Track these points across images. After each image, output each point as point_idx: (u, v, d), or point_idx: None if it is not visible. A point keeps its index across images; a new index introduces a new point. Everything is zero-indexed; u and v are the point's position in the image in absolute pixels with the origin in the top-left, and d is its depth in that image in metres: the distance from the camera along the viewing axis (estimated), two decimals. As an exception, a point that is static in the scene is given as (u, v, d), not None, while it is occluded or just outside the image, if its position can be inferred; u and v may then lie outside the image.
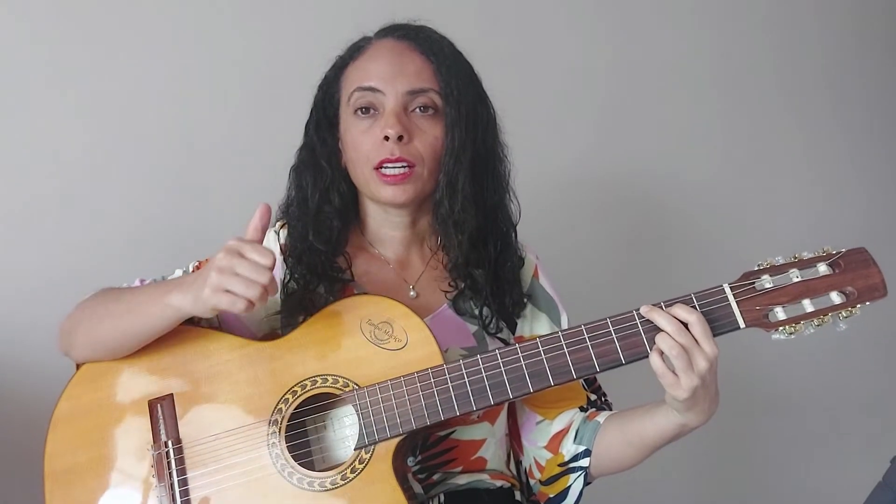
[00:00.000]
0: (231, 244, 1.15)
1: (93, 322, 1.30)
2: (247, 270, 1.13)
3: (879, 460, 1.78)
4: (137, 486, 1.27)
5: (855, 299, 1.17)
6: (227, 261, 1.14)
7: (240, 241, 1.16)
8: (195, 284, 1.18)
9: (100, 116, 1.96)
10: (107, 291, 1.36)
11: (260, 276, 1.13)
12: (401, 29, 1.40)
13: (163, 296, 1.22)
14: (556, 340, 1.22)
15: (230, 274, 1.13)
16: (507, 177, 1.44)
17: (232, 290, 1.13)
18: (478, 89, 1.41)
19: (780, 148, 2.60)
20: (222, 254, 1.15)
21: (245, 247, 1.15)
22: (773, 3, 2.58)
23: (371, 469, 1.22)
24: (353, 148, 1.36)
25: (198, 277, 1.18)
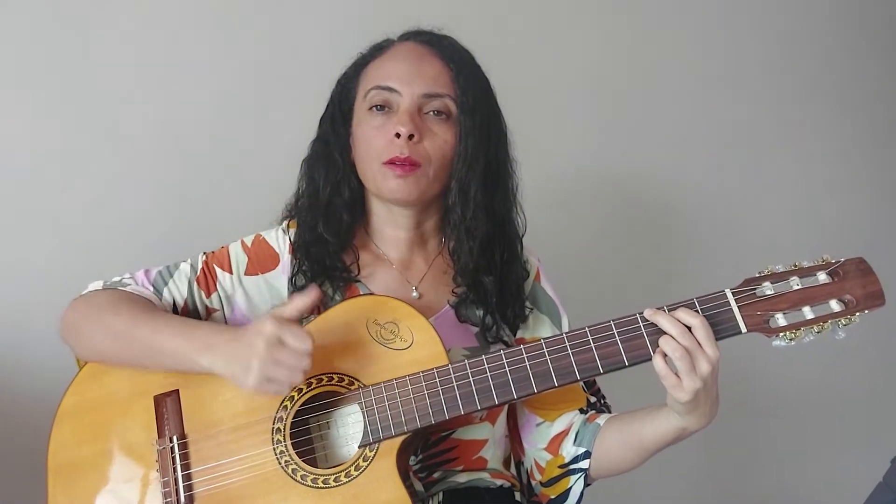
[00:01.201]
0: (270, 330, 1.16)
1: (106, 342, 1.31)
2: (288, 358, 1.17)
3: (879, 460, 1.79)
4: (141, 482, 1.28)
5: (854, 307, 1.19)
6: (268, 351, 1.16)
7: (278, 323, 1.17)
8: (233, 360, 1.20)
9: (100, 115, 1.96)
10: (123, 305, 1.33)
11: (301, 362, 1.17)
12: (424, 34, 1.41)
13: (194, 353, 1.24)
14: (561, 342, 1.23)
15: (272, 363, 1.17)
16: (516, 191, 1.45)
17: (276, 378, 1.17)
18: (493, 104, 1.42)
19: (782, 151, 2.59)
20: (263, 343, 1.16)
21: (285, 333, 1.17)
22: (775, 4, 2.58)
23: (375, 467, 1.23)
24: (363, 142, 1.37)
25: (235, 349, 1.20)
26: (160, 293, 1.39)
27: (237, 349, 1.19)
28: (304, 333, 1.17)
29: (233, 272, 1.40)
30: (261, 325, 1.18)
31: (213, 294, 1.39)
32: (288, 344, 1.16)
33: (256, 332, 1.17)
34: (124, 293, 1.37)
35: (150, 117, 2.00)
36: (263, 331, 1.17)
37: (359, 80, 1.41)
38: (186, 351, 1.24)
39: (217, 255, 1.42)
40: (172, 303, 1.39)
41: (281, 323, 1.17)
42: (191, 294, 1.39)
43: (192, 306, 1.39)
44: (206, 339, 1.24)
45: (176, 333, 1.26)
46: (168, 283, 1.39)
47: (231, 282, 1.40)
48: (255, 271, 1.41)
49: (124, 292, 1.37)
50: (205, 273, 1.40)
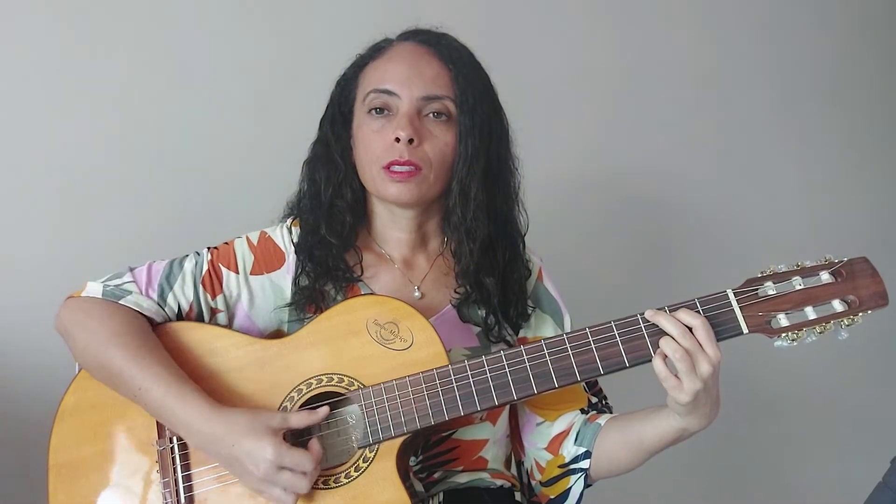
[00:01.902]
0: (271, 458, 1.17)
1: (96, 373, 1.31)
2: (288, 482, 1.18)
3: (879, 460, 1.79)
4: (141, 482, 1.28)
5: (857, 307, 1.18)
6: (268, 475, 1.18)
7: (278, 450, 1.18)
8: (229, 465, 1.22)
9: (100, 115, 1.96)
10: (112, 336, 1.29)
11: (300, 485, 1.19)
12: (422, 34, 1.40)
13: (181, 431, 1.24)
14: (561, 343, 1.23)
15: (270, 485, 1.19)
16: (517, 189, 1.44)
17: (273, 496, 1.20)
18: (493, 102, 1.41)
19: (783, 152, 2.59)
20: (263, 469, 1.18)
21: (285, 460, 1.17)
22: (775, 4, 2.58)
23: (375, 468, 1.23)
24: (363, 145, 1.36)
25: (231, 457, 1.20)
26: (164, 299, 1.36)
27: (231, 456, 1.20)
28: (305, 457, 1.18)
29: (239, 272, 1.39)
30: (262, 446, 1.18)
31: (219, 296, 1.38)
32: (290, 469, 1.18)
33: (257, 450, 1.18)
34: (119, 314, 1.32)
35: (150, 117, 1.99)
36: (262, 456, 1.17)
37: (358, 81, 1.41)
38: (171, 424, 1.25)
39: (223, 253, 1.41)
40: (177, 308, 1.37)
41: (280, 448, 1.18)
42: (196, 297, 1.37)
43: (197, 309, 1.38)
44: (191, 422, 1.22)
45: (162, 402, 1.24)
46: (173, 287, 1.37)
47: (237, 282, 1.39)
48: (260, 271, 1.40)
49: (120, 312, 1.32)
50: (210, 274, 1.39)
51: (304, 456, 1.18)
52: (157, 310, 1.35)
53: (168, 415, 1.24)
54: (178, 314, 1.38)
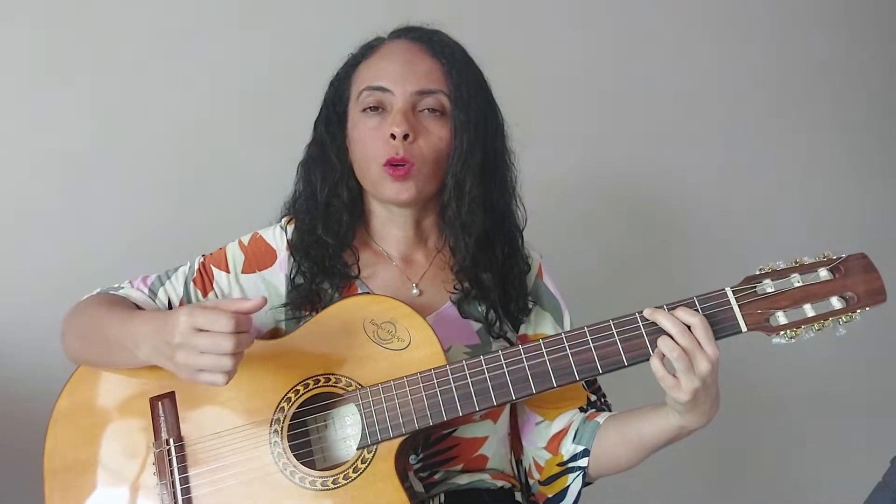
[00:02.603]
0: (183, 320, 1.11)
1: (81, 343, 1.32)
2: (210, 344, 1.11)
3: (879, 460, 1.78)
4: (138, 484, 1.27)
5: (855, 304, 1.18)
6: (186, 342, 1.11)
7: (189, 310, 1.12)
8: (160, 354, 1.17)
9: (100, 116, 1.96)
10: (93, 306, 1.33)
11: (223, 344, 1.10)
12: (414, 31, 1.40)
13: (133, 347, 1.22)
14: (559, 342, 1.23)
15: (194, 354, 1.12)
16: (514, 183, 1.45)
17: (204, 367, 1.12)
18: (487, 96, 1.41)
19: (781, 150, 2.60)
20: (178, 336, 1.11)
21: (198, 318, 1.11)
22: (774, 3, 2.58)
23: (373, 468, 1.22)
24: (360, 144, 1.36)
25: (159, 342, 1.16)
26: (155, 293, 1.39)
27: (160, 341, 1.16)
28: (221, 312, 1.11)
29: (230, 271, 1.40)
30: (176, 316, 1.13)
31: (210, 293, 1.39)
32: (206, 328, 1.11)
33: (173, 323, 1.13)
34: (105, 296, 1.37)
35: (150, 118, 2.00)
36: (178, 322, 1.12)
37: (351, 81, 1.41)
38: (127, 344, 1.23)
39: (214, 256, 1.43)
40: (168, 303, 1.39)
41: (193, 310, 1.12)
42: (186, 293, 1.39)
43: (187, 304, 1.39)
44: (137, 330, 1.22)
45: (120, 328, 1.24)
46: (165, 285, 1.40)
47: (228, 280, 1.40)
48: (252, 269, 1.41)
49: (106, 295, 1.38)
50: (201, 273, 1.40)
51: (219, 314, 1.10)
52: (146, 299, 1.38)
53: (127, 340, 1.23)
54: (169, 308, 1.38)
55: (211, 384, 1.14)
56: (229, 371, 1.12)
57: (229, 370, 1.12)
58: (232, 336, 1.10)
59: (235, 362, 1.12)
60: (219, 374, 1.12)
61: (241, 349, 1.13)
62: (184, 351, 1.12)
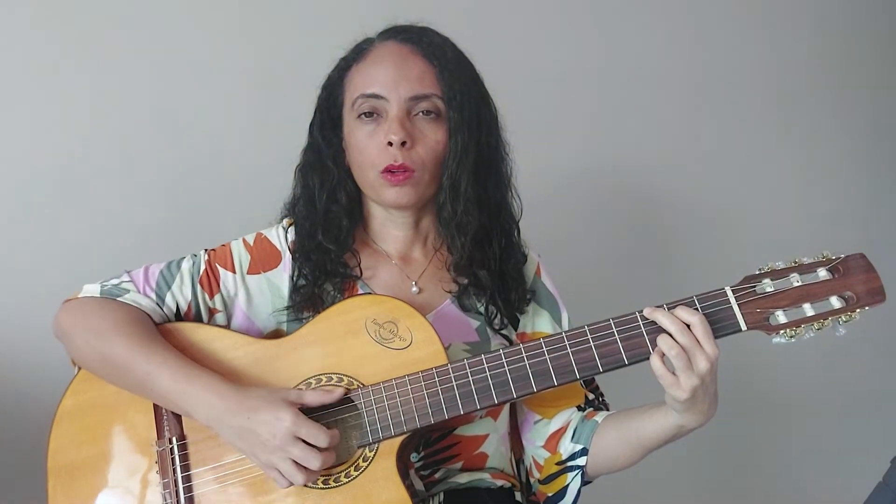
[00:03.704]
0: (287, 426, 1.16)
1: (98, 368, 1.31)
2: (301, 455, 1.16)
3: (879, 460, 1.79)
4: (141, 483, 1.28)
5: (855, 304, 1.19)
6: (282, 446, 1.16)
7: (296, 419, 1.17)
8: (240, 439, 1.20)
9: (101, 118, 1.96)
10: (114, 327, 1.29)
11: (313, 461, 1.16)
12: (403, 32, 1.39)
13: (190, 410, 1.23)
14: (560, 341, 1.23)
15: (282, 459, 1.17)
16: (510, 174, 1.45)
17: (283, 471, 1.17)
18: (480, 90, 1.41)
19: (781, 150, 2.59)
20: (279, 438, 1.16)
21: (301, 430, 1.16)
22: (773, 2, 2.58)
23: (375, 467, 1.23)
24: (357, 151, 1.36)
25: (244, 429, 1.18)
26: (162, 299, 1.37)
27: (245, 428, 1.18)
28: (322, 431, 1.17)
29: (236, 271, 1.40)
30: (278, 414, 1.17)
31: (216, 295, 1.39)
32: (306, 440, 1.17)
33: (272, 421, 1.17)
34: (120, 310, 1.33)
35: (150, 117, 1.99)
36: (282, 423, 1.16)
37: (344, 85, 1.40)
38: (180, 403, 1.24)
39: (219, 254, 1.41)
40: (175, 308, 1.38)
41: (297, 420, 1.17)
42: (195, 297, 1.38)
43: (195, 309, 1.38)
44: (200, 396, 1.22)
45: (172, 382, 1.24)
46: (171, 287, 1.38)
47: (234, 281, 1.39)
48: (257, 270, 1.41)
49: (121, 308, 1.33)
50: (208, 274, 1.39)
51: (321, 430, 1.17)
52: (154, 308, 1.36)
53: (178, 395, 1.23)
54: (177, 314, 1.38)
55: (277, 482, 1.20)
56: (301, 484, 1.18)
57: (301, 484, 1.18)
58: (323, 455, 1.17)
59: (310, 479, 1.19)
60: (286, 482, 1.18)
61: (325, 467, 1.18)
62: (275, 452, 1.17)
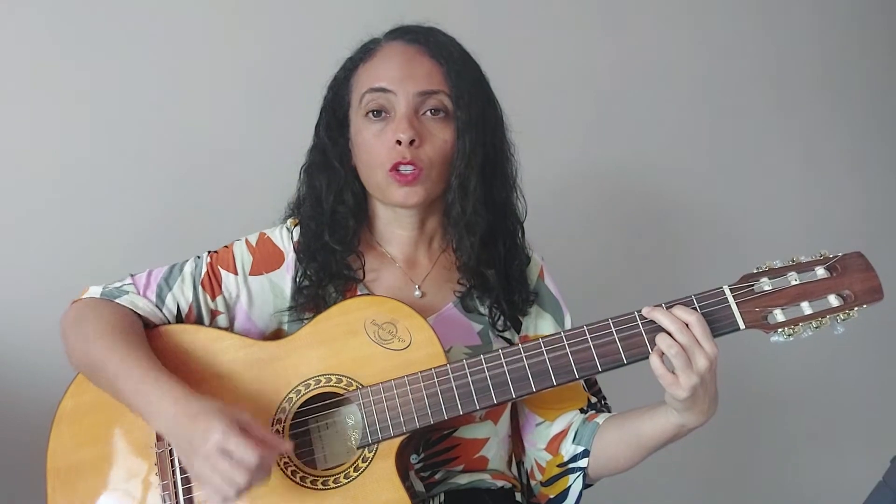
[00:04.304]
0: (217, 438, 1.11)
1: (83, 366, 1.31)
2: (228, 471, 1.11)
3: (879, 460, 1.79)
4: (140, 485, 1.28)
5: (853, 302, 1.19)
6: (210, 456, 1.12)
7: (227, 432, 1.11)
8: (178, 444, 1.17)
9: (101, 117, 1.96)
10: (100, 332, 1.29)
11: (239, 478, 1.11)
12: (410, 32, 1.39)
13: (147, 417, 1.21)
14: (559, 340, 1.23)
15: (210, 470, 1.12)
16: (515, 175, 1.45)
17: (211, 483, 1.13)
18: (486, 91, 1.41)
19: (780, 149, 2.60)
20: (208, 447, 1.11)
21: (230, 444, 1.11)
22: (773, 3, 2.58)
23: (374, 467, 1.23)
24: (365, 150, 1.36)
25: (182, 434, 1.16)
26: (162, 300, 1.37)
27: (182, 435, 1.16)
28: (251, 451, 1.10)
29: (238, 273, 1.40)
30: (211, 424, 1.12)
31: (218, 297, 1.39)
32: (233, 456, 1.11)
33: (204, 432, 1.13)
34: (113, 314, 1.33)
35: (151, 117, 1.99)
36: (210, 436, 1.12)
37: (350, 85, 1.40)
38: (141, 409, 1.22)
39: (222, 256, 1.41)
40: (176, 309, 1.38)
41: (228, 432, 1.12)
42: (196, 298, 1.38)
43: (196, 311, 1.39)
44: (158, 405, 1.20)
45: (135, 388, 1.23)
46: (172, 289, 1.38)
47: (236, 283, 1.39)
48: (260, 271, 1.41)
49: (116, 310, 1.34)
50: (209, 276, 1.39)
51: (249, 447, 1.11)
52: (152, 310, 1.36)
53: (140, 400, 1.22)
54: (178, 316, 1.38)
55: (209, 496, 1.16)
56: (230, 500, 1.13)
57: (230, 499, 1.13)
58: (249, 473, 1.11)
59: (239, 494, 1.13)
60: (219, 497, 1.14)
61: (252, 486, 1.13)
62: (202, 462, 1.13)
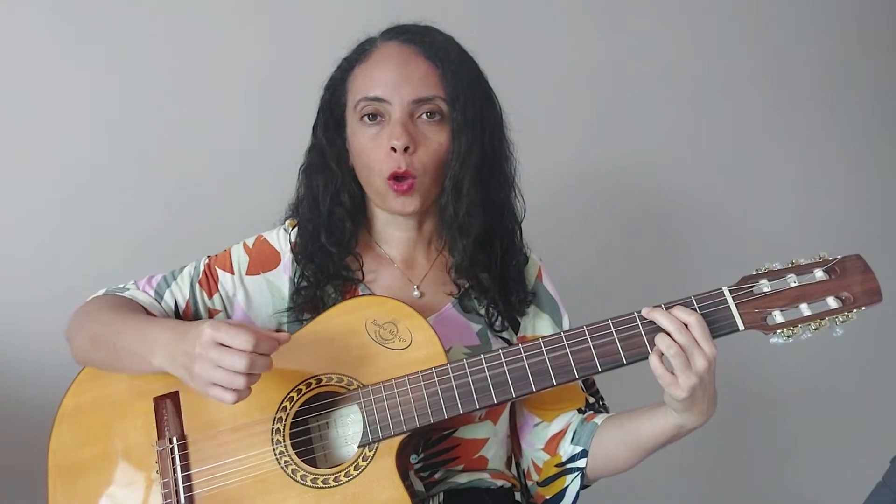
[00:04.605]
0: (207, 333, 1.13)
1: (90, 346, 1.32)
2: (228, 360, 1.12)
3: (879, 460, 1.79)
4: (141, 483, 1.28)
5: (851, 304, 1.19)
6: (206, 354, 1.13)
7: (215, 325, 1.14)
8: (176, 362, 1.19)
9: (101, 117, 1.96)
10: (103, 310, 1.34)
11: (240, 362, 1.12)
12: (406, 32, 1.38)
13: (147, 353, 1.23)
14: (559, 340, 1.23)
15: (211, 367, 1.13)
16: (513, 174, 1.44)
17: (218, 381, 1.14)
18: (484, 90, 1.40)
19: (780, 150, 2.60)
20: (199, 346, 1.14)
21: (221, 333, 1.13)
22: (772, 2, 2.58)
23: (374, 466, 1.23)
24: (361, 155, 1.36)
25: (176, 350, 1.18)
26: (161, 296, 1.39)
27: (178, 350, 1.18)
28: (244, 330, 1.12)
29: (234, 272, 1.41)
30: (200, 327, 1.15)
31: (215, 295, 1.40)
32: (226, 343, 1.13)
33: (195, 335, 1.15)
34: (114, 298, 1.38)
35: (151, 117, 2.00)
36: (201, 333, 1.14)
37: (346, 87, 1.40)
38: (142, 350, 1.24)
39: (219, 258, 1.43)
40: (174, 306, 1.39)
41: (217, 324, 1.14)
42: (192, 295, 1.39)
43: (194, 307, 1.40)
44: (156, 337, 1.23)
45: (135, 334, 1.25)
46: (171, 286, 1.40)
47: (232, 282, 1.40)
48: (256, 271, 1.42)
49: (114, 298, 1.38)
50: (206, 275, 1.41)
51: (242, 332, 1.12)
52: (152, 302, 1.38)
53: (140, 342, 1.24)
54: (176, 312, 1.40)
55: (220, 400, 1.15)
56: (240, 390, 1.14)
57: (240, 388, 1.14)
58: (247, 355, 1.12)
59: (248, 382, 1.14)
60: (229, 391, 1.14)
61: (256, 371, 1.14)
62: (200, 362, 1.14)
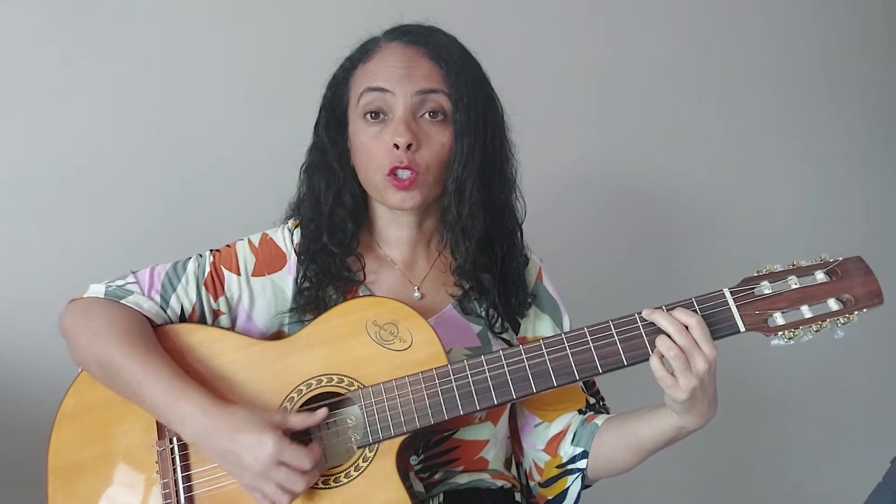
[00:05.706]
0: (271, 451, 1.16)
1: (96, 372, 1.31)
2: (284, 479, 1.17)
3: (879, 460, 1.79)
4: (141, 483, 1.28)
5: (853, 306, 1.19)
6: (265, 469, 1.17)
7: (279, 443, 1.17)
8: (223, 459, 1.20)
9: (101, 118, 1.96)
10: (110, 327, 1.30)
11: (296, 484, 1.18)
12: (410, 32, 1.38)
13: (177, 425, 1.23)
14: (560, 342, 1.24)
15: (265, 480, 1.18)
16: (514, 175, 1.44)
17: (266, 493, 1.19)
18: (487, 91, 1.40)
19: (781, 151, 2.59)
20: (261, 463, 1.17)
21: (284, 454, 1.17)
22: (772, 2, 2.58)
23: (375, 467, 1.23)
24: (362, 153, 1.35)
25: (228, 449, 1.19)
26: (167, 301, 1.37)
27: (228, 449, 1.19)
28: (305, 455, 1.18)
29: (240, 273, 1.40)
30: (260, 439, 1.17)
31: (221, 297, 1.39)
32: (287, 463, 1.17)
33: (256, 446, 1.17)
34: (122, 315, 1.32)
35: (151, 118, 1.99)
36: (264, 450, 1.17)
37: (349, 84, 1.40)
38: (168, 417, 1.24)
39: (224, 256, 1.41)
40: (180, 310, 1.38)
41: (281, 443, 1.17)
42: (199, 299, 1.38)
43: (200, 311, 1.38)
44: (184, 410, 1.22)
45: (159, 394, 1.24)
46: (176, 289, 1.38)
47: (238, 284, 1.39)
48: (262, 272, 1.41)
49: (122, 312, 1.33)
50: (212, 276, 1.39)
51: (304, 453, 1.17)
52: (157, 311, 1.36)
53: (166, 409, 1.23)
54: (182, 316, 1.38)
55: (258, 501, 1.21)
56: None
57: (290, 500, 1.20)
58: (307, 477, 1.19)
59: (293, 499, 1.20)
60: (285, 501, 1.19)
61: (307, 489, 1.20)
62: (257, 477, 1.18)
